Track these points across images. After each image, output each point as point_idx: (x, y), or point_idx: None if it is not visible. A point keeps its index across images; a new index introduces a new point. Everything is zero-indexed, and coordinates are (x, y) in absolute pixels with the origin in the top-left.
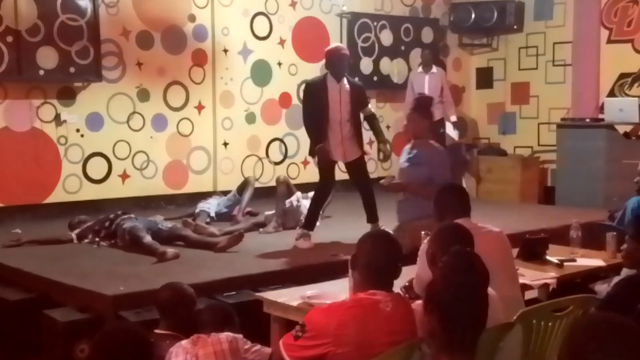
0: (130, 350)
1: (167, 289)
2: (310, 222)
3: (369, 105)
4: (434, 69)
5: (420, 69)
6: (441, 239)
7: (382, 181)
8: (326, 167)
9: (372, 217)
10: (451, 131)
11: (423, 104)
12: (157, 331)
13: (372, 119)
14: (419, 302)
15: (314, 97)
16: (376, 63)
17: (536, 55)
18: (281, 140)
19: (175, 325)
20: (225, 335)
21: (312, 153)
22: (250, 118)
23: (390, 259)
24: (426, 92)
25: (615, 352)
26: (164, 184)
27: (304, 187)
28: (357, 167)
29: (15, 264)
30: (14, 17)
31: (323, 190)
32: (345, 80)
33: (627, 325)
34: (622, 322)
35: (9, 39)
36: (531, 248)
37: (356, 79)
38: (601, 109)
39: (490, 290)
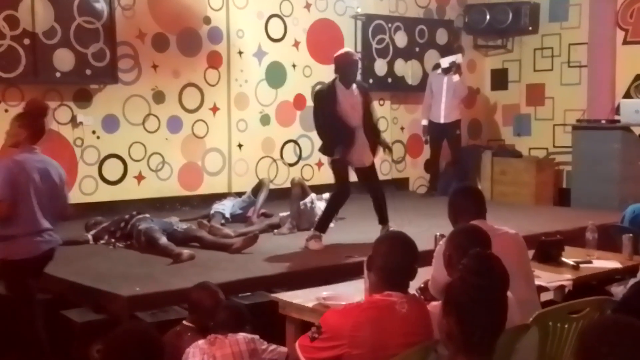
0: (141, 350)
1: (199, 289)
2: (323, 224)
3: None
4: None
5: (439, 71)
6: (458, 241)
7: None
8: (345, 171)
9: (384, 219)
10: None
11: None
12: (184, 322)
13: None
14: (435, 303)
15: (326, 106)
16: (390, 65)
17: (551, 56)
18: (295, 142)
19: (197, 323)
20: (243, 337)
21: (328, 153)
22: (265, 120)
23: (406, 261)
24: (444, 93)
25: (628, 355)
26: (179, 186)
27: (318, 189)
28: (370, 171)
29: None
30: (31, 19)
31: (343, 193)
32: (354, 86)
33: (639, 327)
34: (632, 324)
35: (26, 41)
36: (547, 250)
37: (369, 80)
38: (617, 110)
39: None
